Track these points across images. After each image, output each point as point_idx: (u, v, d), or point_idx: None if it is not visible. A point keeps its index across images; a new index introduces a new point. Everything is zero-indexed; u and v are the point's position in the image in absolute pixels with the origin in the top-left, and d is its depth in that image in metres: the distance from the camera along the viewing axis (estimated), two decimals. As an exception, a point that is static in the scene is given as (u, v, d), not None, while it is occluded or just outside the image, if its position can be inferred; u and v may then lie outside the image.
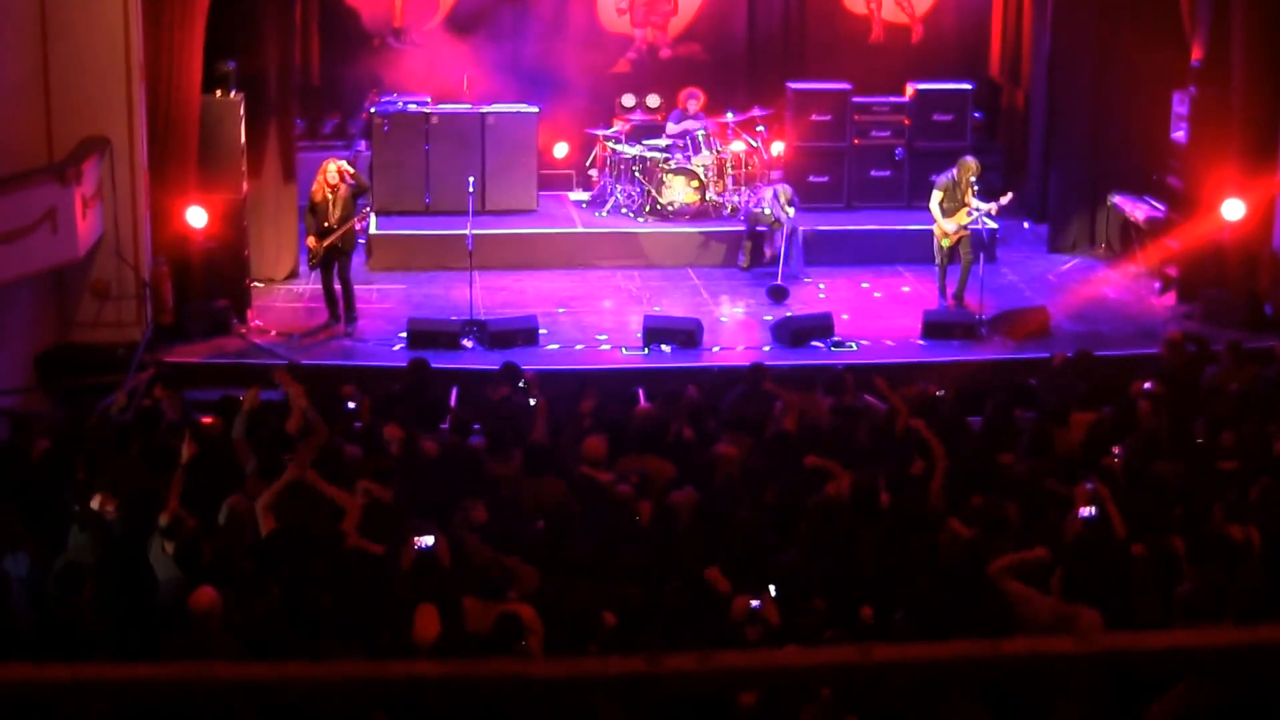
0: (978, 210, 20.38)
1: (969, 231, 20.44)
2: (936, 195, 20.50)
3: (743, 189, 23.49)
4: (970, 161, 20.60)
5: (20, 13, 17.79)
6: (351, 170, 20.00)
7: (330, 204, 19.69)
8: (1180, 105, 21.27)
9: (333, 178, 19.73)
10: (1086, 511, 11.95)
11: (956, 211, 20.44)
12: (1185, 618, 10.95)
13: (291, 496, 12.25)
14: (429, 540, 11.52)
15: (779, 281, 21.16)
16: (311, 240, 19.82)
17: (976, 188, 20.40)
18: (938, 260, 20.89)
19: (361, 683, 4.27)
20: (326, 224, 19.66)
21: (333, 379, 16.73)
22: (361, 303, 20.50)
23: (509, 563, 11.50)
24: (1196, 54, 21.00)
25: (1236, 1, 20.11)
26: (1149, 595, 11.44)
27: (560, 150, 24.61)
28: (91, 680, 4.24)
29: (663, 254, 22.77)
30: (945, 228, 20.43)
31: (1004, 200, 20.37)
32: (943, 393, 16.32)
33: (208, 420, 14.49)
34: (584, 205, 24.31)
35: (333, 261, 19.86)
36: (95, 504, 12.16)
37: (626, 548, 12.11)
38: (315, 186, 19.83)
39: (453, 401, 16.75)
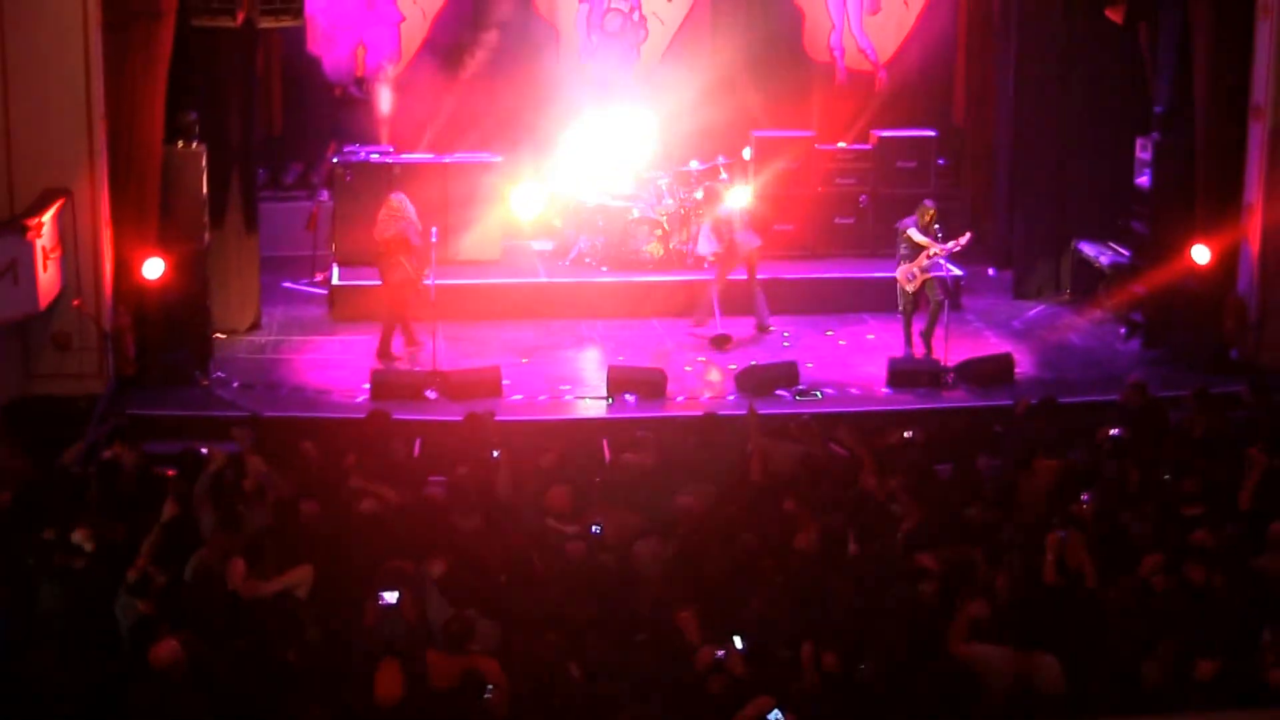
0: (936, 253, 20.31)
1: (931, 276, 20.39)
2: (915, 233, 20.41)
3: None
4: (928, 206, 20.60)
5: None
6: None
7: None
8: (1143, 151, 21.32)
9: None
10: None
11: (919, 256, 20.38)
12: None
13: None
14: (393, 596, 11.45)
15: (720, 329, 21.21)
16: (419, 280, 20.39)
17: (940, 233, 20.37)
18: (901, 307, 20.82)
19: None
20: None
21: (294, 431, 16.60)
22: (324, 353, 20.72)
23: (471, 616, 11.41)
24: (1159, 100, 21.05)
25: (1199, 48, 20.19)
26: (1119, 640, 11.44)
27: (524, 199, 24.39)
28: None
29: (626, 304, 22.70)
30: (910, 270, 20.38)
31: (963, 240, 20.28)
32: (910, 434, 16.28)
33: (170, 473, 14.40)
34: (547, 255, 24.24)
35: None
36: (76, 538, 12.34)
37: (591, 599, 12.03)
38: (415, 221, 20.45)
39: (416, 453, 16.64)
